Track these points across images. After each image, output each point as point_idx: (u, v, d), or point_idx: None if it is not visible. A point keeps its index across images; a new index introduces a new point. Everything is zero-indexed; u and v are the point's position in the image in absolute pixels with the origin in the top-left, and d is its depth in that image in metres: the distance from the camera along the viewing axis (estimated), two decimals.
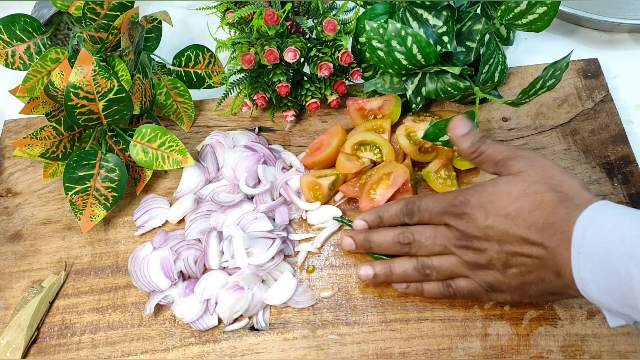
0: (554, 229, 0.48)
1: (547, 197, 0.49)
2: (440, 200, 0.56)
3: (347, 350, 0.59)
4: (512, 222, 0.50)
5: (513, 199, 0.51)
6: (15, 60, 0.72)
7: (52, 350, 0.62)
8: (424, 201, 0.57)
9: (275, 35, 0.68)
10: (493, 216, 0.51)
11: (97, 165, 0.66)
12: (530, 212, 0.50)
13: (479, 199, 0.53)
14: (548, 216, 0.49)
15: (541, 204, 0.49)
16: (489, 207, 0.52)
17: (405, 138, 0.67)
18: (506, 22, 0.67)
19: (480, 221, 0.52)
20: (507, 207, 0.51)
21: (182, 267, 0.63)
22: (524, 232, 0.50)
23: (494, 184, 0.53)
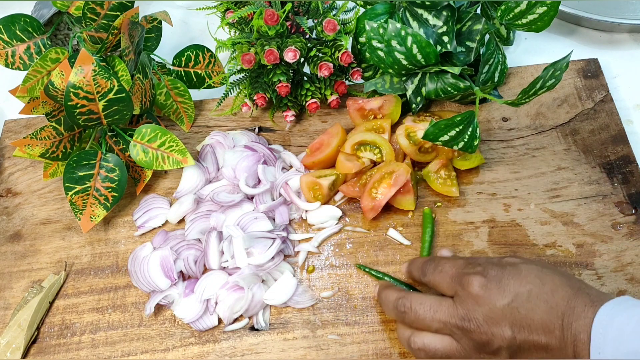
0: (575, 315, 0.45)
1: (571, 283, 0.47)
2: (457, 264, 0.52)
3: (347, 350, 0.59)
4: (532, 303, 0.46)
5: (535, 276, 0.48)
6: (15, 60, 0.72)
7: (52, 350, 0.62)
8: (442, 262, 0.53)
9: (275, 35, 0.68)
10: (512, 295, 0.47)
11: (97, 165, 0.66)
12: (553, 292, 0.46)
13: (498, 272, 0.49)
14: (569, 301, 0.46)
15: (561, 288, 0.47)
16: (508, 284, 0.48)
17: (405, 138, 0.67)
18: (506, 22, 0.67)
19: (495, 298, 0.47)
20: (529, 284, 0.47)
21: (182, 267, 0.63)
22: (544, 317, 0.46)
23: (514, 264, 0.49)
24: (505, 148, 0.70)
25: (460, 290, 0.49)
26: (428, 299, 0.51)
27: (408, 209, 0.65)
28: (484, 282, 0.48)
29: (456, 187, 0.66)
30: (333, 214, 0.66)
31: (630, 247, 0.62)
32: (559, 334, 0.45)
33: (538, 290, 0.47)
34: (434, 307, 0.50)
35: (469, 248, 0.63)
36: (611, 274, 0.60)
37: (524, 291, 0.47)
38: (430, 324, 0.50)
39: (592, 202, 0.64)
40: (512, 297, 0.47)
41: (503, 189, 0.67)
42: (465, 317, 0.48)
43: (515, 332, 0.47)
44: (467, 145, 0.63)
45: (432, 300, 0.51)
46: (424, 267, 0.55)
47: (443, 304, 0.50)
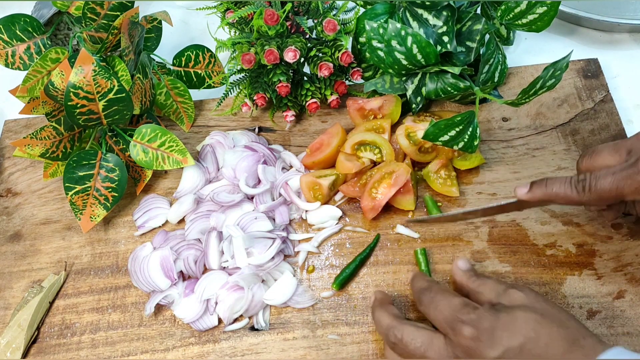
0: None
1: (566, 334, 0.46)
2: (452, 305, 0.50)
3: (347, 350, 0.59)
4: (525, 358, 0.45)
5: (530, 329, 0.46)
6: (15, 60, 0.72)
7: (52, 350, 0.62)
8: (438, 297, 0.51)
9: (275, 35, 0.68)
10: (503, 348, 0.45)
11: (97, 165, 0.66)
12: (547, 347, 0.45)
13: (493, 322, 0.47)
14: (564, 357, 0.44)
15: (556, 342, 0.45)
16: (500, 336, 0.46)
17: (405, 138, 0.67)
18: (506, 22, 0.67)
19: (486, 349, 0.46)
20: (522, 339, 0.46)
21: (182, 267, 0.63)
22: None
23: (511, 312, 0.47)
24: (505, 148, 0.70)
25: (451, 334, 0.48)
26: (420, 335, 0.50)
27: (408, 209, 0.65)
28: (476, 334, 0.46)
29: (456, 187, 0.66)
30: (333, 214, 0.66)
31: (630, 247, 0.62)
32: None
33: (532, 345, 0.45)
34: (424, 345, 0.49)
35: (469, 248, 0.63)
36: (611, 274, 0.60)
37: (516, 345, 0.46)
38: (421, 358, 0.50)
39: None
40: (503, 351, 0.45)
41: (503, 189, 0.67)
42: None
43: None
44: (467, 145, 0.63)
45: (425, 336, 0.50)
46: (420, 295, 0.53)
47: (434, 344, 0.49)
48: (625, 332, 0.57)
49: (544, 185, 0.53)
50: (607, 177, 0.50)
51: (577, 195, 0.52)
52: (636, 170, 0.49)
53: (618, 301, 0.59)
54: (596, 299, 0.59)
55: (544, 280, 0.60)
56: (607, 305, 0.58)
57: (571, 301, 0.59)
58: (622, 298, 0.59)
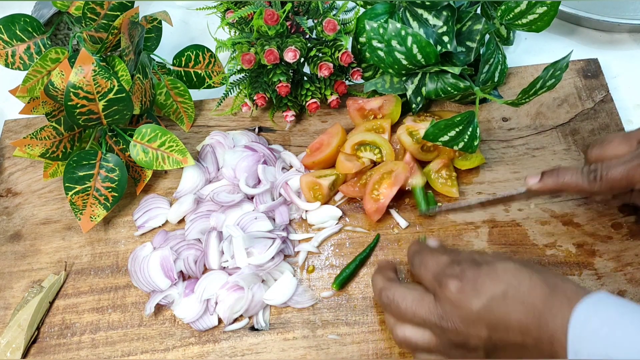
0: (552, 315, 0.45)
1: (549, 281, 0.47)
2: (439, 262, 0.52)
3: (347, 350, 0.59)
4: (508, 304, 0.46)
5: (511, 276, 0.47)
6: (15, 60, 0.72)
7: (52, 350, 0.62)
8: (428, 257, 0.53)
9: (275, 35, 0.68)
10: (488, 297, 0.47)
11: (97, 165, 0.66)
12: (529, 292, 0.46)
13: (476, 273, 0.49)
14: (546, 300, 0.46)
15: (537, 287, 0.46)
16: (484, 284, 0.48)
17: (408, 135, 0.67)
18: (506, 22, 0.67)
19: (472, 300, 0.47)
20: (504, 285, 0.47)
21: (182, 267, 0.63)
22: (521, 318, 0.46)
23: (491, 263, 0.49)
24: (505, 148, 0.70)
25: (439, 291, 0.50)
26: (411, 294, 0.51)
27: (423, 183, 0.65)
28: (460, 285, 0.48)
29: (456, 188, 0.66)
30: (333, 214, 0.66)
31: (630, 247, 0.62)
32: (535, 333, 0.45)
33: (514, 290, 0.47)
34: (415, 303, 0.51)
35: (469, 248, 0.63)
36: (611, 274, 0.60)
37: (499, 292, 0.47)
38: (411, 318, 0.51)
39: (592, 202, 0.64)
40: (487, 299, 0.47)
41: (503, 188, 0.67)
42: (443, 318, 0.49)
43: (491, 332, 0.47)
44: (467, 145, 0.63)
45: (415, 295, 0.51)
46: (412, 258, 0.55)
47: (424, 301, 0.50)
48: None
49: (555, 175, 0.54)
50: (619, 167, 0.51)
51: (588, 184, 0.52)
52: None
53: None
54: None
55: None
56: None
57: None
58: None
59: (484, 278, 0.48)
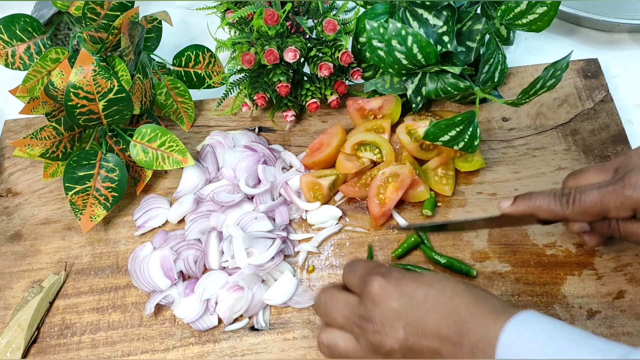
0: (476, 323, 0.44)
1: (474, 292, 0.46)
2: (366, 265, 0.51)
3: None
4: (428, 306, 0.46)
5: (437, 281, 0.47)
6: (15, 60, 0.72)
7: (52, 350, 0.62)
8: (357, 264, 0.52)
9: (275, 35, 0.68)
10: (408, 297, 0.46)
11: (97, 165, 0.66)
12: (453, 297, 0.46)
13: (400, 274, 0.49)
14: (469, 307, 0.45)
15: (462, 294, 0.46)
16: (406, 285, 0.47)
17: (407, 135, 0.67)
18: (506, 22, 0.67)
19: (392, 299, 0.47)
20: (427, 287, 0.47)
21: (182, 267, 0.63)
22: (440, 322, 0.45)
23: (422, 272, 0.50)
24: (505, 148, 0.69)
25: (363, 289, 0.49)
26: (341, 296, 0.51)
27: (424, 198, 0.65)
28: (383, 282, 0.48)
29: (450, 187, 0.66)
30: (333, 214, 0.66)
31: (630, 247, 0.61)
32: (455, 339, 0.44)
33: (436, 293, 0.46)
34: (341, 303, 0.50)
35: (469, 248, 0.63)
36: (611, 274, 0.60)
37: (421, 293, 0.46)
38: (336, 318, 0.50)
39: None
40: (408, 299, 0.46)
41: (503, 189, 0.67)
42: (364, 316, 0.48)
43: (408, 333, 0.46)
44: (468, 145, 0.63)
45: (343, 296, 0.51)
46: (345, 268, 0.54)
47: (350, 301, 0.50)
48: (625, 332, 0.57)
49: (527, 199, 0.53)
50: (593, 191, 0.50)
51: (561, 208, 0.51)
52: (622, 185, 0.49)
53: (618, 301, 0.59)
54: (596, 299, 0.59)
55: (544, 280, 0.60)
56: (607, 305, 0.58)
57: (571, 301, 0.59)
58: (622, 298, 0.59)
59: (408, 280, 0.48)
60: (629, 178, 0.48)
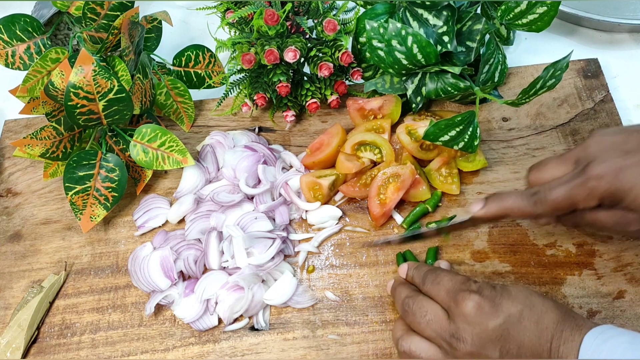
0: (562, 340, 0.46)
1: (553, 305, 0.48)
2: (454, 280, 0.52)
3: (347, 350, 0.59)
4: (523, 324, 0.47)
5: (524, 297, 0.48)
6: (15, 60, 0.72)
7: (52, 350, 0.62)
8: (442, 275, 0.53)
9: (275, 35, 0.68)
10: (504, 315, 0.47)
11: (97, 165, 0.66)
12: (543, 314, 0.47)
13: (492, 292, 0.49)
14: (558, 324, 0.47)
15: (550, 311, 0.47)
16: (500, 304, 0.48)
17: (407, 135, 0.67)
18: (506, 22, 0.67)
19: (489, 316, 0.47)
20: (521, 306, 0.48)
21: (182, 267, 0.63)
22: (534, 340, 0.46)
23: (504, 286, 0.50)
24: (505, 148, 0.69)
25: (453, 306, 0.49)
26: (430, 307, 0.51)
27: (425, 198, 0.65)
28: (478, 302, 0.48)
29: (457, 185, 0.66)
30: (333, 214, 0.66)
31: (630, 247, 0.62)
32: (546, 356, 0.46)
33: (529, 311, 0.47)
34: (430, 315, 0.51)
35: (469, 248, 0.63)
36: (611, 274, 0.60)
37: (515, 312, 0.47)
38: (424, 329, 0.51)
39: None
40: (504, 318, 0.47)
41: (503, 189, 0.67)
42: (455, 335, 0.48)
43: (503, 353, 0.47)
44: (468, 145, 0.63)
45: (433, 308, 0.51)
46: (425, 276, 0.54)
47: (439, 315, 0.50)
48: None
49: (498, 200, 0.54)
50: (560, 187, 0.51)
51: (531, 207, 0.52)
52: (585, 177, 0.49)
53: (618, 301, 0.59)
54: (596, 299, 0.59)
55: (544, 280, 0.60)
56: (607, 305, 0.58)
57: (571, 301, 0.59)
58: (622, 298, 0.59)
59: (501, 298, 0.48)
60: (591, 170, 0.49)
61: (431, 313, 0.51)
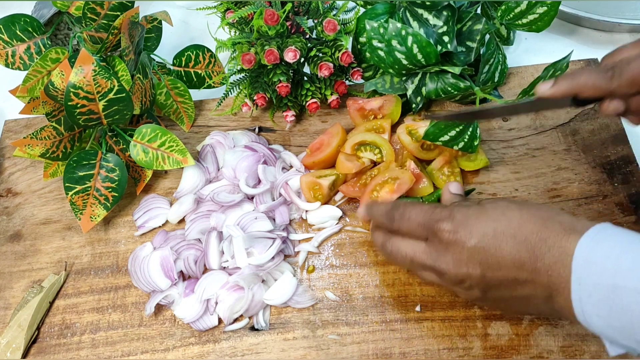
0: (547, 247, 0.44)
1: (540, 214, 0.46)
2: (423, 212, 0.52)
3: (347, 350, 0.59)
4: (500, 240, 0.46)
5: (500, 213, 0.48)
6: (16, 60, 0.72)
7: (52, 350, 0.62)
8: (408, 210, 0.53)
9: (275, 35, 0.68)
10: (479, 235, 0.47)
11: (97, 165, 0.66)
12: (520, 227, 0.46)
13: (464, 214, 0.49)
14: (539, 233, 0.45)
15: (528, 222, 0.46)
16: (474, 224, 0.48)
17: (407, 135, 0.67)
18: (506, 22, 0.67)
19: (464, 240, 0.48)
20: (494, 222, 0.47)
21: (182, 267, 0.63)
22: (513, 252, 0.46)
23: (481, 203, 0.50)
24: (505, 148, 0.70)
25: (431, 236, 0.50)
26: (405, 245, 0.53)
27: (428, 192, 0.65)
28: (451, 227, 0.48)
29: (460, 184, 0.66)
30: (333, 214, 0.66)
31: None
32: (530, 266, 0.45)
33: (504, 226, 0.47)
34: (410, 253, 0.52)
35: None
36: None
37: (489, 230, 0.47)
38: (410, 266, 0.53)
39: (593, 202, 0.64)
40: (479, 238, 0.47)
41: (503, 189, 0.67)
42: (438, 261, 0.50)
43: (484, 270, 0.47)
44: (468, 145, 0.63)
45: (409, 246, 0.52)
46: (390, 214, 0.54)
47: (418, 250, 0.52)
48: None
49: (570, 77, 0.52)
50: (637, 60, 0.49)
51: (606, 81, 0.50)
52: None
53: None
54: None
55: None
56: None
57: None
58: None
59: (474, 218, 0.48)
60: None
61: (410, 250, 0.52)
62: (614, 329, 0.41)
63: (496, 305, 0.51)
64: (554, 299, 0.45)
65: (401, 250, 0.53)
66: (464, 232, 0.48)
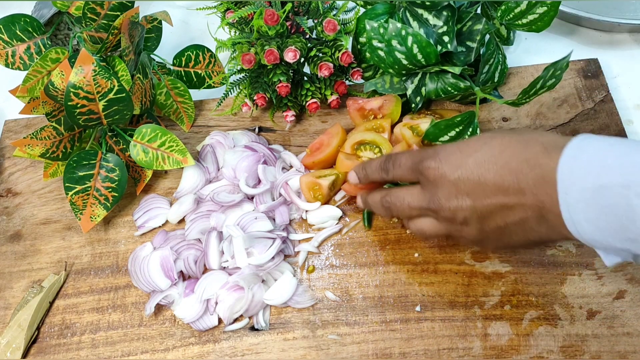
0: (530, 166, 0.45)
1: (521, 138, 0.47)
2: (412, 155, 0.54)
3: (347, 350, 0.59)
4: (482, 168, 0.47)
5: (482, 144, 0.49)
6: (16, 60, 0.72)
7: (52, 350, 0.62)
8: (399, 157, 0.55)
9: (275, 35, 0.68)
10: (462, 167, 0.48)
11: (97, 165, 0.66)
12: (502, 153, 0.47)
13: (448, 150, 0.50)
14: (522, 153, 0.46)
15: (509, 147, 0.47)
16: (457, 157, 0.49)
17: (408, 129, 0.67)
18: (506, 22, 0.67)
19: (448, 174, 0.49)
20: (476, 152, 0.48)
21: (182, 267, 0.63)
22: (496, 178, 0.47)
23: (464, 140, 0.51)
24: None
25: (421, 177, 0.52)
26: (401, 192, 0.55)
27: None
28: (436, 164, 0.50)
29: None
30: (333, 214, 0.66)
31: None
32: (515, 188, 0.46)
33: (486, 155, 0.48)
34: (407, 198, 0.54)
35: (469, 248, 0.63)
36: (611, 274, 0.60)
37: (471, 160, 0.48)
38: (410, 213, 0.54)
39: None
40: (461, 170, 0.48)
41: None
42: (430, 200, 0.51)
43: (473, 200, 0.48)
44: None
45: (406, 191, 0.54)
46: (384, 166, 0.56)
47: (413, 192, 0.54)
48: (625, 332, 0.57)
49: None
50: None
51: None
52: None
53: (618, 301, 0.59)
54: (596, 299, 0.59)
55: (544, 280, 0.60)
56: (607, 305, 0.58)
57: (571, 301, 0.59)
58: (622, 298, 0.59)
59: (457, 152, 0.50)
60: None
61: (407, 195, 0.54)
62: (604, 232, 0.41)
63: (497, 239, 0.50)
64: (546, 217, 0.45)
65: (399, 198, 0.55)
66: (448, 167, 0.49)
